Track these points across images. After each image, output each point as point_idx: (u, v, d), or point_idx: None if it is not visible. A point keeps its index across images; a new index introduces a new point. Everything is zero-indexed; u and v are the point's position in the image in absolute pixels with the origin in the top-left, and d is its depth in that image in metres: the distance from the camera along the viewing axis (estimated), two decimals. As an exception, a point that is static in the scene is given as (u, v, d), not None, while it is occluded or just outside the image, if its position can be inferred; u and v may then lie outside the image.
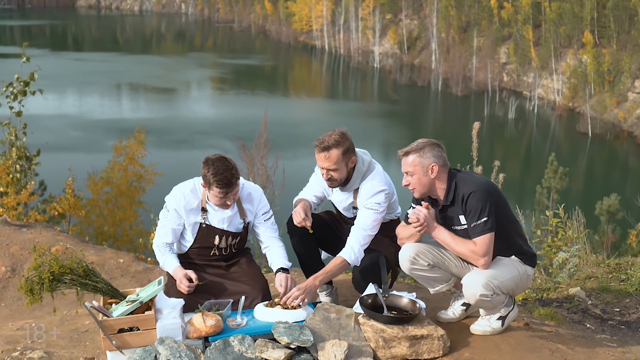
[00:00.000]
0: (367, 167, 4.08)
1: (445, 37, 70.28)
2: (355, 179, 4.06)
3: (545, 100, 60.20)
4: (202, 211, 4.03)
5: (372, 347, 3.54)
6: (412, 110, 55.30)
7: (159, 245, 4.07)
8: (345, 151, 3.95)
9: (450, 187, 3.68)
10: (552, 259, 6.28)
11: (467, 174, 3.75)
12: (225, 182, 3.80)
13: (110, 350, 3.51)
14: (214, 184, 3.81)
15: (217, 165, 3.80)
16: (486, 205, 3.57)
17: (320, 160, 3.99)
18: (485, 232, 3.57)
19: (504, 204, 3.72)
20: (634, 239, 16.59)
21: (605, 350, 3.81)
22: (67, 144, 35.22)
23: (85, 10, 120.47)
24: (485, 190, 3.61)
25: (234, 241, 4.11)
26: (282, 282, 3.92)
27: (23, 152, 11.85)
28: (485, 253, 3.58)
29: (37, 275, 3.55)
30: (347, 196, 4.17)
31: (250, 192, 4.13)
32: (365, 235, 4.03)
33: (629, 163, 46.78)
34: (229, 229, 4.07)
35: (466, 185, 3.64)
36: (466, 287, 3.65)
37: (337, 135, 3.95)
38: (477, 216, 3.57)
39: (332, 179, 4.03)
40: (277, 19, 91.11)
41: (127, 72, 61.26)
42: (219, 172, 3.79)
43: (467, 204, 3.61)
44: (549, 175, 25.76)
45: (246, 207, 4.11)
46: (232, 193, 3.88)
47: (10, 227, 6.56)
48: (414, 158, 3.67)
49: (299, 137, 37.38)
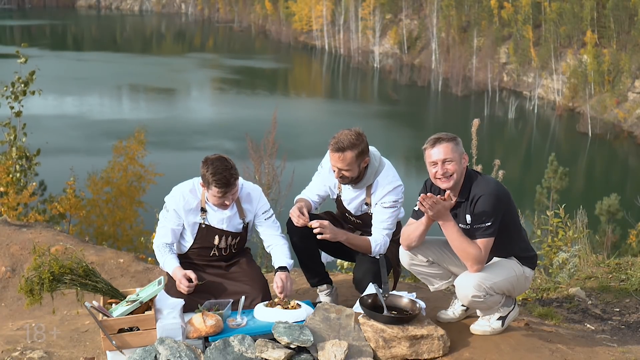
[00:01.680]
0: (379, 163, 4.09)
1: (445, 37, 70.31)
2: (369, 176, 4.06)
3: (545, 100, 60.22)
4: (202, 211, 4.03)
5: (372, 347, 3.54)
6: (412, 110, 55.30)
7: (159, 245, 4.07)
8: (359, 153, 3.93)
9: (467, 185, 3.67)
10: (552, 259, 6.28)
11: (483, 176, 3.73)
12: (223, 182, 3.80)
13: (110, 350, 3.51)
14: (212, 184, 3.81)
15: (216, 165, 3.80)
16: (493, 211, 3.55)
17: (333, 160, 3.96)
18: (484, 237, 3.56)
19: (512, 210, 3.72)
20: (634, 239, 16.59)
21: (605, 350, 3.81)
22: (67, 143, 35.22)
23: (85, 10, 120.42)
24: (495, 196, 3.59)
25: (233, 241, 4.11)
26: (279, 282, 3.91)
27: (23, 152, 11.85)
28: (480, 258, 3.57)
29: (37, 275, 3.55)
30: (359, 193, 4.14)
31: (249, 192, 4.12)
32: (389, 233, 4.07)
33: (629, 163, 46.80)
34: (228, 229, 4.07)
35: (479, 187, 3.62)
36: (458, 288, 3.66)
37: (354, 137, 3.92)
38: (481, 219, 3.56)
39: (343, 177, 4.02)
40: (277, 19, 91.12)
41: (127, 72, 61.25)
42: (217, 171, 3.78)
43: (476, 205, 3.60)
44: (549, 175, 25.76)
45: (245, 207, 4.10)
46: (231, 193, 3.87)
47: (10, 227, 6.56)
48: (452, 145, 3.62)
49: (299, 137, 37.39)
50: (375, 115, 50.93)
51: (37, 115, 31.23)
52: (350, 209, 4.23)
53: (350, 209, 4.24)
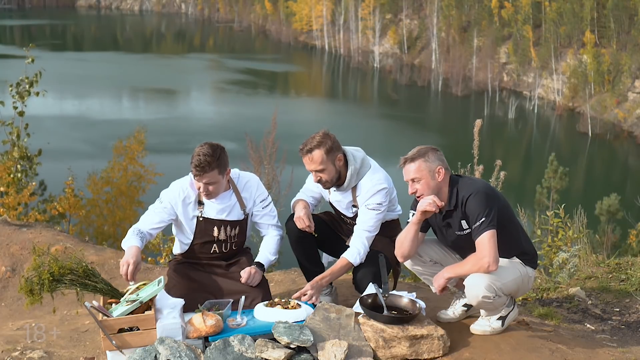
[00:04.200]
0: (360, 163, 4.06)
1: (446, 37, 70.31)
2: (351, 178, 4.04)
3: (545, 100, 60.22)
4: (199, 204, 4.05)
5: (372, 347, 3.54)
6: (412, 110, 55.29)
7: (132, 229, 3.97)
8: (328, 150, 3.95)
9: (452, 192, 3.67)
10: (552, 259, 6.28)
11: (467, 178, 3.75)
12: (196, 164, 3.82)
13: (110, 350, 3.51)
14: (191, 166, 3.86)
15: (199, 150, 3.86)
16: (485, 206, 3.55)
17: (306, 164, 4.01)
18: (486, 230, 3.53)
19: (505, 205, 3.71)
20: (634, 239, 16.57)
21: (605, 350, 3.81)
22: (67, 143, 35.20)
23: (85, 10, 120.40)
24: (483, 192, 3.60)
25: (233, 232, 4.10)
26: (245, 274, 3.97)
27: (24, 152, 11.84)
28: (484, 253, 3.53)
29: (36, 275, 3.55)
30: (346, 195, 4.15)
31: (247, 181, 4.16)
32: (369, 237, 4.05)
33: (629, 163, 46.80)
34: (227, 218, 4.07)
35: (464, 189, 3.64)
36: (468, 289, 3.64)
37: (319, 137, 3.97)
38: (475, 218, 3.56)
39: (321, 181, 4.04)
40: (277, 18, 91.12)
41: (127, 72, 61.25)
42: (196, 154, 3.85)
43: (466, 207, 3.60)
44: (549, 175, 25.77)
45: (244, 196, 4.12)
46: (204, 179, 3.85)
47: (10, 227, 6.55)
48: (420, 163, 3.65)
49: (299, 137, 37.23)
50: (375, 115, 50.93)
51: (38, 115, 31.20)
52: (342, 211, 4.25)
53: (342, 211, 4.25)
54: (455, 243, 3.77)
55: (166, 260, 7.44)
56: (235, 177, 4.13)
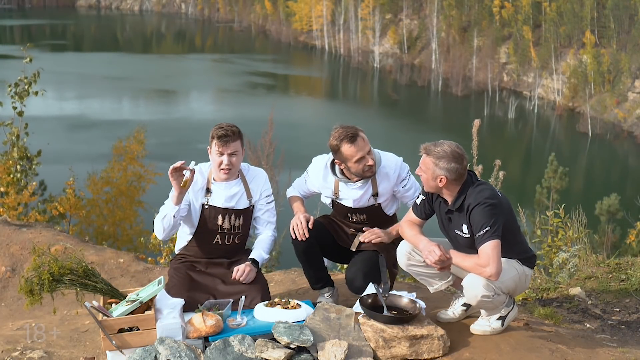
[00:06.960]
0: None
1: (446, 37, 70.31)
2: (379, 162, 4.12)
3: (545, 100, 60.23)
4: (207, 192, 4.11)
5: (372, 347, 3.54)
6: (412, 110, 55.30)
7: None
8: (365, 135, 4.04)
9: (460, 196, 3.65)
10: (552, 259, 6.28)
11: (477, 187, 3.66)
12: (223, 133, 3.96)
13: (110, 350, 3.51)
14: (215, 137, 3.98)
15: (219, 125, 4.05)
16: (489, 218, 3.53)
17: (356, 148, 3.95)
18: (486, 240, 3.51)
19: (510, 215, 3.71)
20: (634, 239, 16.56)
21: (605, 350, 3.81)
22: (67, 143, 35.21)
23: (85, 10, 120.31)
24: (489, 204, 3.56)
25: (237, 221, 4.14)
26: (238, 271, 4.00)
27: (24, 152, 11.84)
28: (487, 262, 3.50)
29: (36, 275, 3.54)
30: (367, 187, 4.13)
31: (256, 174, 4.28)
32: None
33: (629, 163, 46.82)
34: (232, 206, 4.12)
35: (472, 197, 3.61)
36: (467, 289, 3.64)
37: (351, 124, 4.04)
38: (479, 227, 3.54)
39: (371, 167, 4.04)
40: (277, 18, 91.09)
41: (127, 72, 61.23)
42: (221, 126, 4.01)
43: (470, 216, 3.59)
44: (549, 175, 25.77)
45: (252, 187, 4.20)
46: (231, 149, 3.99)
47: (10, 227, 6.55)
48: (430, 161, 3.62)
49: (299, 137, 37.36)
50: (375, 115, 50.92)
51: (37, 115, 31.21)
52: (356, 207, 4.19)
53: (355, 207, 4.20)
54: (455, 238, 3.77)
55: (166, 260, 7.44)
56: (245, 168, 4.23)
